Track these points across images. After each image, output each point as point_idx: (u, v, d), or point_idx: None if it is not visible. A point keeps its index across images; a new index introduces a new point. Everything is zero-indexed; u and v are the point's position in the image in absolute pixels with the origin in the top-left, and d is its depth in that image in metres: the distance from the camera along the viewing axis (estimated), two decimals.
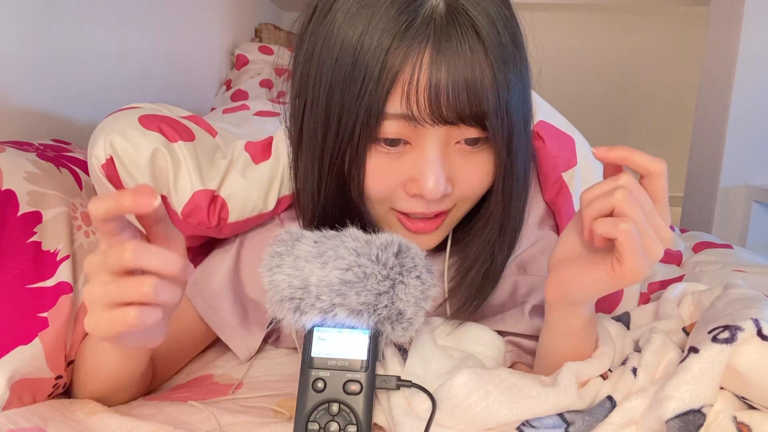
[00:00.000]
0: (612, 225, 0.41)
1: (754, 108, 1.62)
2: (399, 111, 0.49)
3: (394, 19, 0.47)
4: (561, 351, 0.54)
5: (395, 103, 0.49)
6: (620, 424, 0.46)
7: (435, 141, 0.51)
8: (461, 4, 0.48)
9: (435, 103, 0.48)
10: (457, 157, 0.53)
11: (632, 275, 0.43)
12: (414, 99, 0.48)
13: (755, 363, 0.42)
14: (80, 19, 1.01)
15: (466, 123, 0.50)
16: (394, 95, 0.49)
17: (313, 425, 0.48)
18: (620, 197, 0.42)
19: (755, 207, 1.66)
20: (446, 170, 0.52)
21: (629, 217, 0.42)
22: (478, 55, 0.48)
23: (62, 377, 0.58)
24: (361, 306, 0.48)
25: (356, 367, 0.49)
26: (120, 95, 1.11)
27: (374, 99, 0.49)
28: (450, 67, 0.47)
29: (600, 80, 2.97)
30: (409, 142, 0.52)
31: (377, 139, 0.52)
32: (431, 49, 0.47)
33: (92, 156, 0.63)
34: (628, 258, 0.42)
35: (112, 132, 0.62)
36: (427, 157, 0.51)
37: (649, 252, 0.42)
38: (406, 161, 0.53)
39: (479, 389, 0.46)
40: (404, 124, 0.50)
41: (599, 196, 0.44)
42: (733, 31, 1.60)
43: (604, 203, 0.43)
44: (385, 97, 0.49)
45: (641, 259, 0.42)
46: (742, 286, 0.54)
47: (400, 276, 0.50)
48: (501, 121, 0.50)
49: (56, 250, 0.60)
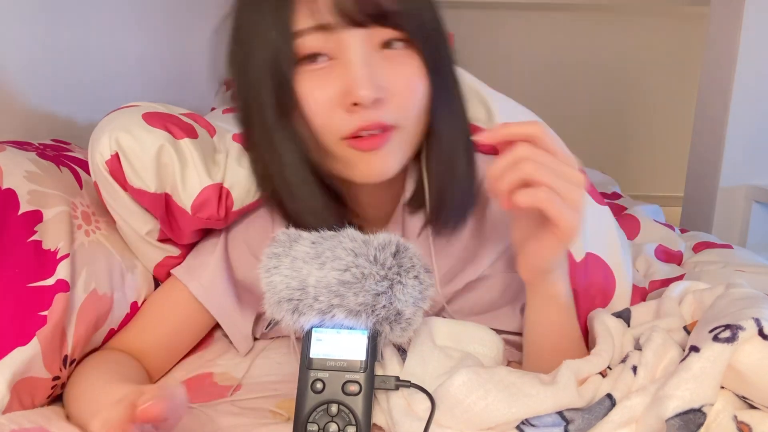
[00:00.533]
0: (531, 196, 0.46)
1: (754, 108, 1.62)
2: (308, 24, 0.52)
3: None
4: (544, 326, 0.56)
5: (303, 17, 0.52)
6: (620, 423, 0.46)
7: (355, 46, 0.52)
8: None
9: (337, 8, 0.51)
10: (383, 61, 0.54)
11: (569, 230, 0.47)
12: (317, 7, 0.51)
13: (756, 362, 0.42)
14: (80, 20, 1.01)
15: (377, 23, 0.52)
16: (300, 10, 0.52)
17: (312, 426, 0.48)
18: (526, 168, 0.46)
19: (755, 207, 1.65)
20: (375, 74, 0.53)
21: (541, 182, 0.46)
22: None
23: (59, 378, 0.58)
24: (359, 306, 0.48)
25: (355, 368, 0.49)
26: (120, 95, 1.11)
27: (282, 20, 0.52)
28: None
29: (600, 80, 2.96)
30: (333, 57, 0.54)
31: (301, 60, 0.54)
32: None
33: (96, 152, 0.63)
34: (557, 218, 0.46)
35: (117, 129, 0.63)
36: (352, 61, 0.52)
37: (572, 201, 0.47)
38: (335, 75, 0.53)
39: (478, 388, 0.46)
40: (319, 36, 0.52)
41: (506, 170, 0.47)
42: (733, 31, 1.60)
43: (512, 176, 0.47)
44: (290, 15, 0.52)
45: (568, 212, 0.46)
46: (744, 285, 0.54)
47: (398, 276, 0.50)
48: (413, 19, 0.53)
49: (56, 248, 0.60)
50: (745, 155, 1.65)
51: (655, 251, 0.94)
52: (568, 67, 2.93)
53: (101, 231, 0.68)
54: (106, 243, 0.68)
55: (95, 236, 0.67)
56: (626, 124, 3.04)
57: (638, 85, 2.98)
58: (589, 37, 2.92)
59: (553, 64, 2.92)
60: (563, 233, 0.47)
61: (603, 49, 2.93)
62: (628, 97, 2.99)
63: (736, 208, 1.69)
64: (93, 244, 0.66)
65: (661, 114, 3.01)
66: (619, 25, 2.90)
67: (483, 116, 0.68)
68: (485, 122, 0.68)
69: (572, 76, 2.94)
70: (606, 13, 2.89)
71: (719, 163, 1.67)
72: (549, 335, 0.57)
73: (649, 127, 3.04)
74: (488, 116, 0.68)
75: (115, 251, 0.69)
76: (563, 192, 0.46)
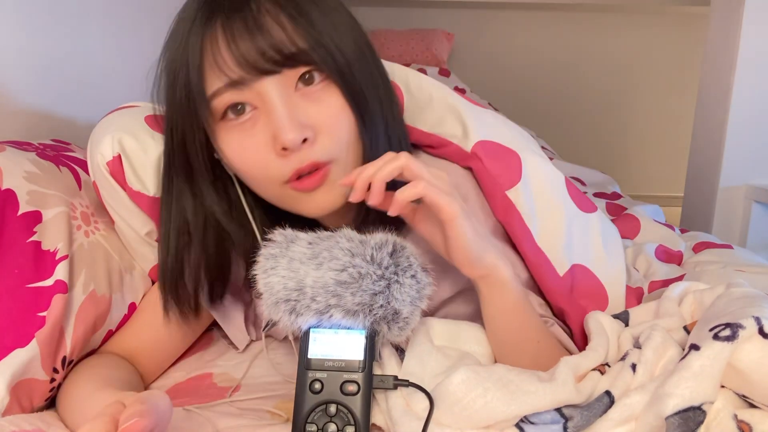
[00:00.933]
0: (412, 188, 0.50)
1: (754, 108, 1.62)
2: (220, 84, 0.53)
3: (192, 15, 0.54)
4: (501, 317, 0.57)
5: (213, 78, 0.53)
6: (619, 420, 0.45)
7: (272, 93, 0.53)
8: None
9: (244, 63, 0.52)
10: (303, 101, 0.55)
11: (451, 210, 0.51)
12: (224, 67, 0.52)
13: (756, 361, 0.42)
14: (81, 20, 1.01)
15: (286, 66, 0.53)
16: (209, 72, 0.53)
17: (311, 426, 0.48)
18: (401, 159, 0.51)
19: (755, 207, 1.65)
20: (297, 115, 0.54)
21: (418, 175, 0.51)
22: (271, 10, 0.52)
23: (56, 379, 0.58)
24: (356, 306, 0.48)
25: (353, 368, 0.49)
26: (120, 95, 1.11)
27: (197, 87, 0.53)
28: (243, 29, 0.52)
29: (600, 80, 2.96)
30: (255, 106, 0.55)
31: (224, 115, 0.55)
32: (223, 22, 0.52)
33: (97, 153, 0.64)
34: (438, 202, 0.50)
35: (120, 131, 0.63)
36: (272, 108, 0.53)
37: (445, 189, 0.51)
38: (261, 125, 0.55)
39: (477, 386, 0.46)
40: (234, 91, 0.53)
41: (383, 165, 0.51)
42: (733, 31, 1.60)
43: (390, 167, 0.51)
44: (202, 82, 0.53)
45: (445, 196, 0.51)
46: (745, 285, 0.53)
47: (395, 276, 0.50)
48: (321, 53, 0.54)
49: (55, 249, 0.60)
50: (745, 155, 1.65)
51: (655, 251, 0.93)
52: (568, 67, 2.93)
53: (100, 232, 0.68)
54: (105, 244, 0.68)
55: (94, 237, 0.67)
56: (626, 124, 3.04)
57: (638, 85, 2.98)
58: (590, 36, 2.92)
59: (553, 64, 2.92)
60: (447, 214, 0.50)
61: (603, 48, 2.93)
62: (628, 97, 2.99)
63: (736, 208, 1.69)
64: (92, 245, 0.66)
65: (661, 114, 3.01)
66: (619, 25, 2.91)
67: (459, 133, 0.68)
68: (461, 139, 0.68)
69: (572, 76, 2.94)
70: (606, 13, 2.89)
71: (719, 163, 1.67)
72: (507, 326, 0.57)
73: (649, 127, 3.04)
74: (464, 133, 0.68)
75: (113, 252, 0.69)
76: (436, 182, 0.51)
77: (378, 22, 2.68)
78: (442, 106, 0.70)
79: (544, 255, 0.68)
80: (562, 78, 2.94)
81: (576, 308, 0.66)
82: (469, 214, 0.53)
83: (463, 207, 0.52)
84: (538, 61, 2.92)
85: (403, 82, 0.71)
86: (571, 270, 0.69)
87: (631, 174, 3.02)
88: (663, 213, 1.28)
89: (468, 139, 0.68)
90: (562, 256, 0.69)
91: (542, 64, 2.92)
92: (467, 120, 0.69)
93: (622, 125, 3.04)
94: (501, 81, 2.91)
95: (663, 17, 2.88)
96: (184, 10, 0.56)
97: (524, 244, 0.68)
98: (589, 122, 2.99)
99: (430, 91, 0.71)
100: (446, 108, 0.69)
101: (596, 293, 0.69)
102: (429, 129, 0.69)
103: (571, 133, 2.94)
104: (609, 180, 1.71)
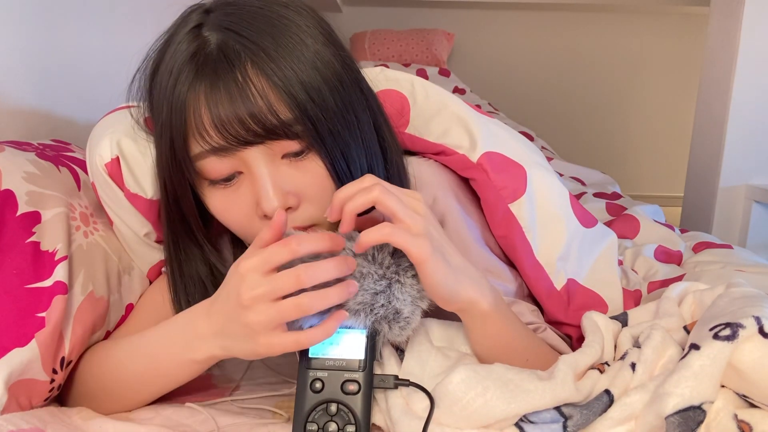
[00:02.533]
0: (377, 232, 0.47)
1: (754, 108, 1.62)
2: (203, 148, 0.53)
3: (178, 70, 0.53)
4: (486, 341, 0.55)
5: (196, 142, 0.53)
6: (619, 420, 0.45)
7: (258, 160, 0.53)
8: (232, 37, 0.52)
9: (225, 132, 0.51)
10: (289, 169, 0.55)
11: (420, 255, 0.47)
12: (205, 134, 0.52)
13: (756, 361, 0.42)
14: (80, 20, 1.01)
15: (271, 138, 0.52)
16: (190, 135, 0.53)
17: (311, 426, 0.48)
18: (374, 191, 0.48)
19: (755, 207, 1.65)
20: (282, 184, 0.54)
21: (390, 209, 0.48)
22: (255, 80, 0.51)
23: (55, 380, 0.58)
24: (357, 306, 0.48)
25: (354, 367, 0.49)
26: (120, 95, 1.11)
27: (177, 143, 0.53)
28: (226, 98, 0.50)
29: (600, 80, 2.97)
30: (241, 171, 0.55)
31: (212, 182, 0.56)
32: (206, 87, 0.51)
33: (95, 154, 0.64)
34: (405, 247, 0.47)
35: (119, 132, 0.64)
36: (257, 177, 0.53)
37: (416, 229, 0.48)
38: (245, 189, 0.55)
39: (477, 385, 0.46)
40: (217, 158, 0.53)
41: (354, 193, 0.49)
42: (733, 31, 1.60)
43: (362, 199, 0.48)
44: (183, 140, 0.53)
45: (413, 240, 0.47)
46: (745, 285, 0.53)
47: (397, 275, 0.50)
48: (307, 123, 0.52)
49: (54, 250, 0.60)
50: (745, 155, 1.65)
51: (654, 252, 0.94)
52: (568, 66, 2.94)
53: (99, 233, 0.68)
54: (103, 245, 0.68)
55: (93, 237, 0.67)
56: (626, 124, 3.04)
57: (638, 85, 2.98)
58: (589, 36, 2.92)
59: (553, 64, 2.93)
60: (416, 258, 0.47)
61: (603, 48, 2.93)
62: (628, 97, 3.00)
63: (736, 208, 1.69)
64: (91, 245, 0.66)
65: (661, 114, 3.02)
66: (619, 25, 2.91)
67: (467, 143, 0.68)
68: (468, 149, 0.68)
69: (572, 75, 2.95)
70: (606, 13, 2.89)
71: (719, 163, 1.67)
72: (493, 351, 0.55)
73: (649, 127, 3.04)
74: (471, 143, 0.68)
75: (112, 253, 0.69)
76: (408, 222, 0.48)
77: (378, 22, 2.68)
78: (448, 116, 0.69)
79: (542, 269, 0.68)
80: (562, 78, 2.94)
81: (575, 319, 0.66)
82: (441, 247, 0.50)
83: (434, 242, 0.49)
84: (538, 61, 2.92)
85: (409, 92, 0.70)
86: (568, 284, 0.69)
87: (631, 174, 3.02)
88: (663, 213, 1.28)
89: (475, 151, 0.67)
90: (559, 270, 0.69)
91: (542, 64, 2.92)
92: (475, 130, 0.68)
93: (622, 125, 3.04)
94: (501, 81, 2.91)
95: (663, 17, 2.88)
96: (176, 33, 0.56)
97: (523, 257, 0.68)
98: (589, 122, 2.99)
99: (437, 100, 0.70)
100: (453, 118, 0.69)
101: (595, 304, 0.70)
102: (435, 139, 0.69)
103: (571, 133, 2.95)
104: (609, 180, 1.71)
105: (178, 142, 0.54)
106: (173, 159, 0.55)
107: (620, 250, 0.95)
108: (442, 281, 0.49)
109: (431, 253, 0.47)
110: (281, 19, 0.54)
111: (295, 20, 0.55)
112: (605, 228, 0.79)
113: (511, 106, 2.61)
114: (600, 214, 1.21)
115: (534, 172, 0.70)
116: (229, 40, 0.52)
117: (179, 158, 0.54)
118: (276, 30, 0.53)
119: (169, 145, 0.54)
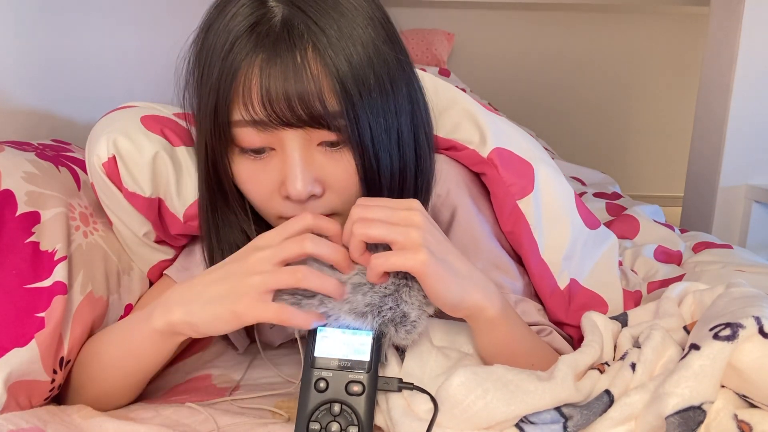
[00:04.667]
0: (380, 264, 0.48)
1: (754, 108, 1.62)
2: (243, 117, 0.52)
3: (236, 35, 0.51)
4: (492, 346, 0.56)
5: (238, 109, 0.52)
6: (619, 420, 0.45)
7: (294, 143, 0.53)
8: (299, 16, 0.51)
9: (269, 108, 0.51)
10: (322, 157, 0.55)
11: (418, 270, 0.47)
12: (249, 105, 0.51)
13: (756, 361, 0.42)
14: (80, 19, 1.01)
15: (311, 126, 0.52)
16: (235, 102, 0.52)
17: (314, 425, 0.48)
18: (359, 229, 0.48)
19: (755, 207, 1.65)
20: (312, 171, 0.54)
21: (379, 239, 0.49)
22: (312, 65, 0.50)
23: (55, 380, 0.58)
24: (366, 308, 0.49)
25: (359, 368, 0.49)
26: (120, 95, 1.11)
27: (220, 107, 0.53)
28: (280, 75, 0.50)
29: (600, 80, 2.96)
30: (274, 147, 0.54)
31: (242, 149, 0.55)
32: (262, 59, 0.50)
33: (93, 154, 0.64)
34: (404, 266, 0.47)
35: (116, 131, 0.63)
36: (289, 159, 0.53)
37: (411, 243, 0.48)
38: (274, 165, 0.55)
39: (477, 388, 0.46)
40: (255, 130, 0.53)
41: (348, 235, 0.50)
42: (733, 31, 1.60)
43: (355, 241, 0.49)
44: (226, 105, 0.52)
45: (410, 257, 0.47)
46: (745, 285, 0.53)
47: (405, 279, 0.50)
48: (349, 119, 0.52)
49: (54, 250, 0.60)
50: (745, 155, 1.65)
51: (654, 252, 0.93)
52: (569, 66, 2.93)
53: (99, 233, 0.68)
54: (103, 245, 0.68)
55: (93, 237, 0.67)
56: (626, 124, 3.03)
57: (638, 84, 2.98)
58: (589, 36, 2.92)
59: (553, 63, 2.92)
60: (415, 273, 0.48)
61: (603, 48, 2.93)
62: (628, 96, 2.99)
63: (736, 208, 1.69)
64: (90, 245, 0.65)
65: (661, 114, 3.01)
66: (619, 25, 2.90)
67: (477, 139, 0.68)
68: (478, 144, 0.68)
69: (572, 76, 2.94)
70: (606, 13, 2.89)
71: (719, 163, 1.67)
72: (499, 355, 0.56)
73: (649, 127, 3.04)
74: (482, 139, 0.68)
75: (112, 253, 0.69)
76: (401, 239, 0.48)
77: None
78: (458, 111, 0.69)
79: (547, 267, 0.68)
80: (562, 78, 2.94)
81: (575, 319, 0.66)
82: (443, 254, 0.50)
83: (434, 251, 0.49)
84: (538, 61, 2.92)
85: None
86: (571, 283, 0.69)
87: (631, 174, 3.02)
88: (663, 213, 1.28)
89: (485, 146, 0.67)
90: (563, 269, 0.69)
91: (542, 64, 2.92)
92: (484, 126, 0.68)
93: (622, 125, 3.03)
94: (501, 81, 2.91)
95: (663, 17, 2.88)
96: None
97: (529, 255, 0.68)
98: (589, 122, 2.99)
99: (447, 96, 0.70)
100: (463, 114, 0.69)
101: (595, 305, 0.70)
102: (445, 135, 0.69)
103: (571, 133, 2.95)
104: (609, 180, 1.71)
105: (222, 105, 0.53)
106: (215, 122, 0.54)
107: (620, 250, 0.95)
108: (446, 289, 0.49)
109: (429, 265, 0.47)
110: (347, 4, 0.53)
111: (362, 8, 0.54)
112: (607, 230, 0.79)
113: (511, 106, 2.60)
114: (600, 214, 1.21)
115: (541, 170, 0.70)
116: (294, 18, 0.51)
117: (220, 121, 0.54)
118: (342, 16, 0.52)
119: (213, 108, 0.54)
